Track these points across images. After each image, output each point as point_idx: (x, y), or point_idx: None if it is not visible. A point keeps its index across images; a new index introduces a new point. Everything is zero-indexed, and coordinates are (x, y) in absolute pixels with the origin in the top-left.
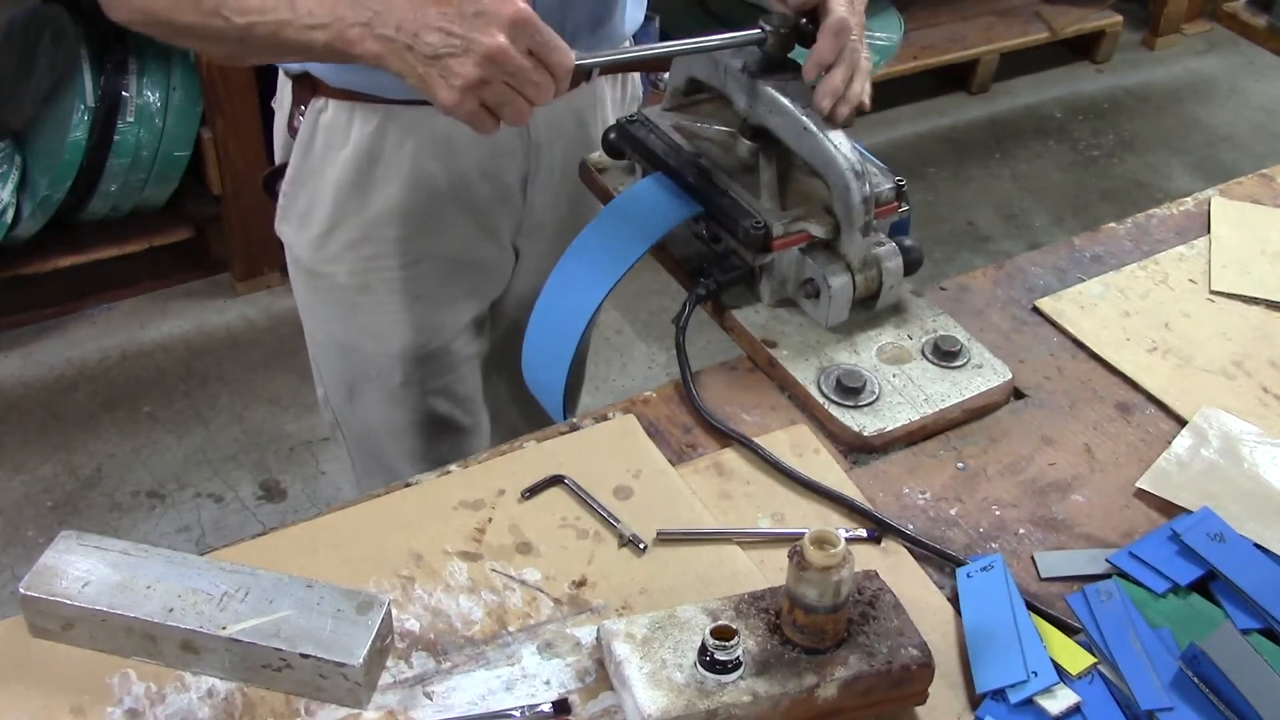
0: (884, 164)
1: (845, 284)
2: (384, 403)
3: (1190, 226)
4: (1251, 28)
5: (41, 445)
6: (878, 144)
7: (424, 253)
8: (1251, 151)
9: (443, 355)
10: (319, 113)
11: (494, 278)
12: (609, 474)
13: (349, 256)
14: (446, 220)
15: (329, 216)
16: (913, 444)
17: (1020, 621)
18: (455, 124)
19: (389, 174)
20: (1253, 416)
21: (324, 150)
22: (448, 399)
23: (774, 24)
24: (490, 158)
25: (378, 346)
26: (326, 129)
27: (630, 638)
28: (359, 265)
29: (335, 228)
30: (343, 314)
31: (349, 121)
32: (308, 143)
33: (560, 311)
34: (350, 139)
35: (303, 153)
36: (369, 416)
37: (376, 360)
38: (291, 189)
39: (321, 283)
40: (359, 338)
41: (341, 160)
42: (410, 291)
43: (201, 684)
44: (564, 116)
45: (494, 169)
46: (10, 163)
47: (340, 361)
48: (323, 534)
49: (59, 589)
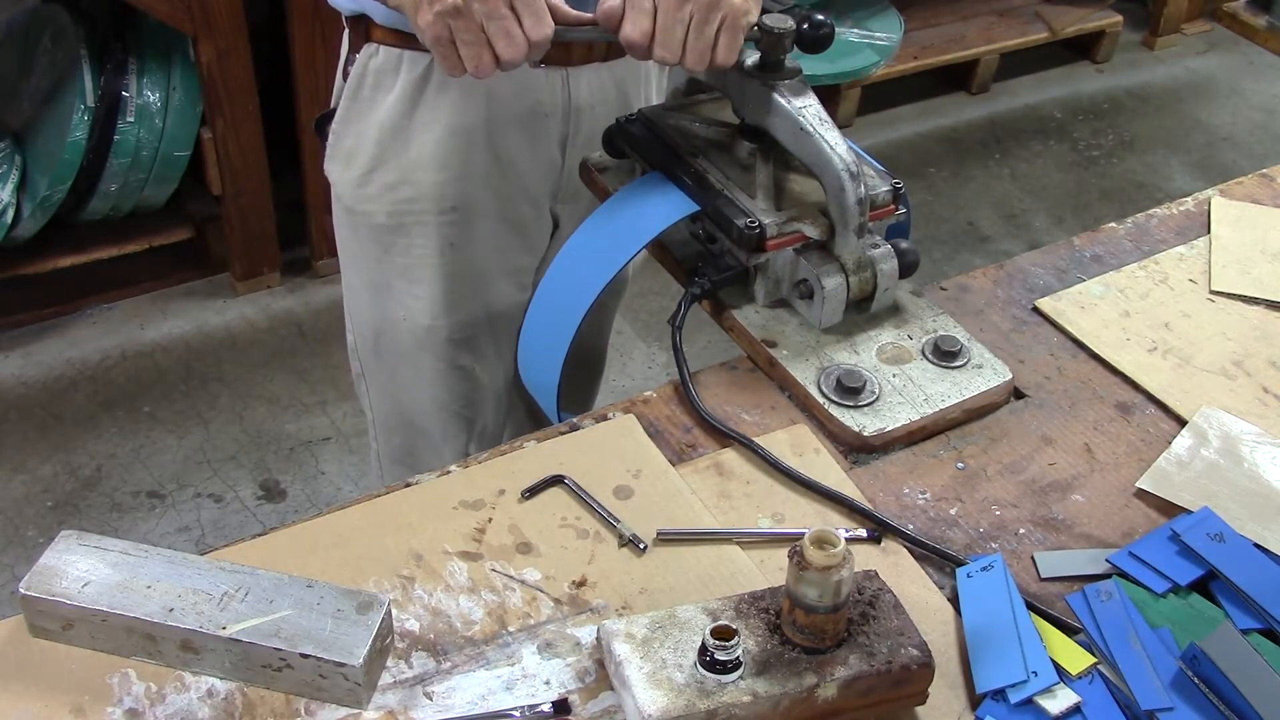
0: (883, 165)
1: (839, 285)
2: (410, 349)
3: (1190, 226)
4: (1251, 28)
5: (41, 445)
6: (878, 144)
7: (460, 202)
8: (1251, 151)
9: (471, 307)
10: (370, 57)
11: (530, 240)
12: (609, 474)
13: (387, 197)
14: (483, 172)
15: (371, 157)
16: (913, 444)
17: (1020, 621)
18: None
19: (430, 120)
20: (1253, 416)
21: (371, 93)
22: (471, 353)
23: (772, 24)
24: (530, 115)
25: (408, 287)
26: (375, 72)
27: (630, 638)
28: (397, 207)
29: (376, 168)
30: (378, 254)
31: (396, 66)
32: (357, 85)
33: (555, 310)
34: (397, 83)
35: (352, 95)
36: (395, 364)
37: (406, 302)
38: (340, 129)
39: (360, 221)
40: (391, 278)
41: (387, 104)
42: (444, 238)
43: (201, 684)
44: (607, 84)
45: (533, 126)
46: (10, 163)
47: (371, 304)
48: (323, 534)
49: (59, 589)
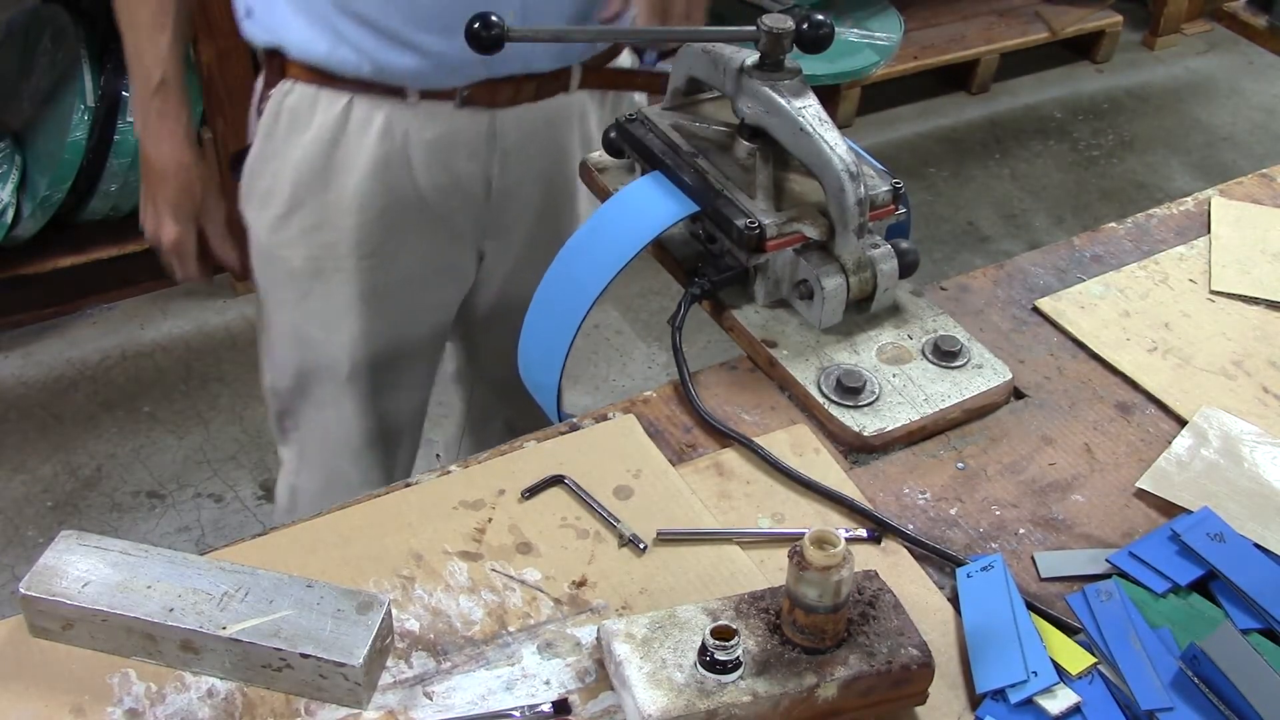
0: (883, 165)
1: (839, 286)
2: (330, 394)
3: (1190, 226)
4: (1251, 28)
5: (41, 445)
6: (878, 144)
7: (381, 245)
8: (1251, 151)
9: (394, 354)
10: (285, 94)
11: (455, 279)
12: (609, 474)
13: (305, 241)
14: (406, 214)
15: (288, 198)
16: (913, 444)
17: (1020, 621)
18: (418, 120)
19: (350, 161)
20: (1253, 416)
21: (287, 132)
22: (394, 391)
23: (772, 24)
24: (454, 156)
25: (327, 335)
26: (291, 110)
27: (630, 638)
28: (315, 251)
29: (293, 210)
30: (295, 299)
31: (313, 104)
32: (272, 123)
33: (555, 311)
34: (314, 122)
35: (267, 133)
36: (315, 408)
37: (326, 349)
38: (255, 168)
39: (278, 265)
40: (309, 325)
41: (303, 143)
42: (365, 282)
43: (201, 684)
44: (537, 124)
45: (457, 167)
46: (10, 163)
47: (290, 348)
48: (323, 534)
49: (59, 589)
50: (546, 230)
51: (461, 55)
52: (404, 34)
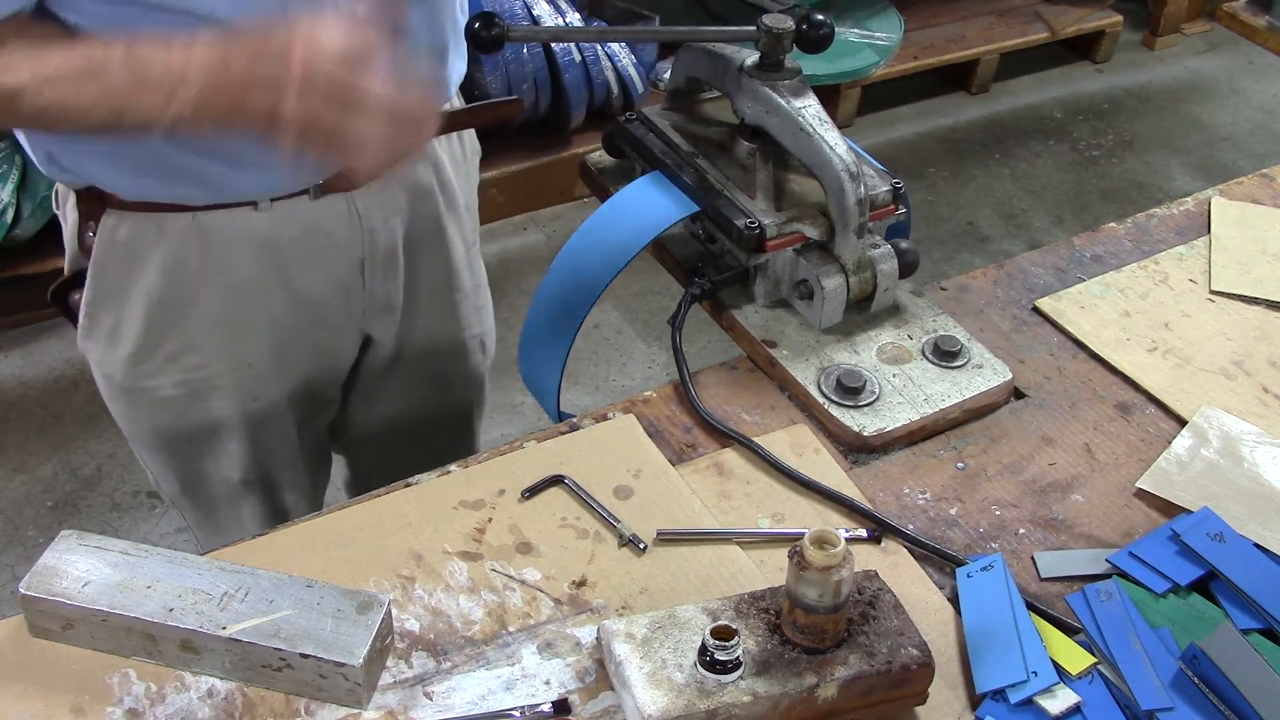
0: (883, 165)
1: (839, 285)
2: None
3: (1190, 226)
4: (1251, 28)
5: (41, 445)
6: (878, 144)
7: (257, 357)
8: (1251, 151)
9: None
10: (114, 229)
11: (338, 362)
12: (609, 474)
13: (172, 369)
14: (279, 318)
15: (141, 334)
16: (913, 444)
17: (1020, 621)
18: (275, 223)
19: (205, 283)
20: (1253, 416)
21: (126, 268)
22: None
23: (772, 24)
24: (317, 250)
25: (213, 445)
26: (127, 244)
27: (630, 638)
28: (186, 376)
29: (151, 344)
30: (171, 420)
31: (153, 234)
32: (103, 261)
33: (555, 311)
34: (155, 253)
35: (99, 271)
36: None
37: (213, 458)
38: (93, 309)
39: (141, 398)
40: (192, 437)
41: (148, 274)
42: (246, 393)
43: (201, 684)
44: (397, 195)
45: (323, 260)
46: (10, 163)
47: (170, 459)
48: (323, 534)
49: (59, 589)
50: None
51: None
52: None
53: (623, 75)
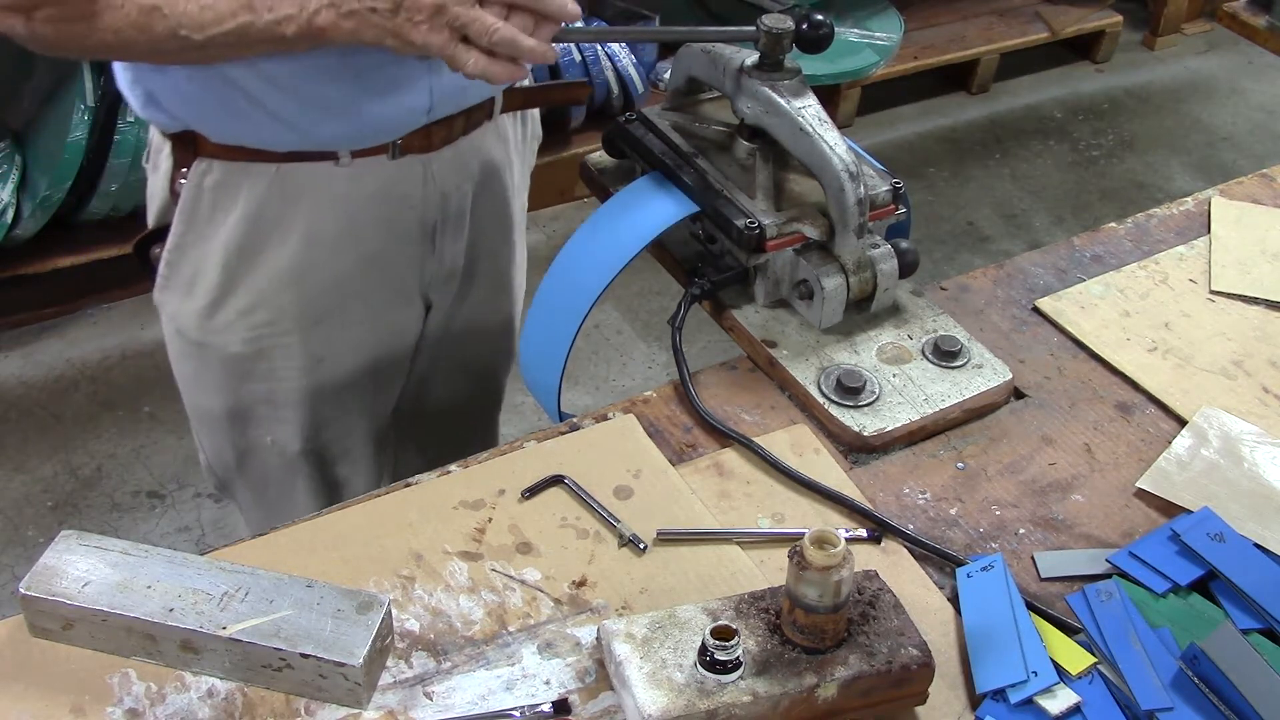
0: (883, 165)
1: (839, 285)
2: (280, 473)
3: (1190, 226)
4: (1251, 28)
5: (41, 445)
6: (878, 144)
7: (324, 315)
8: (1251, 151)
9: (344, 419)
10: (203, 175)
11: (401, 334)
12: (609, 474)
13: (242, 324)
14: (347, 279)
15: (218, 285)
16: (913, 444)
17: (1020, 621)
18: (353, 179)
19: (283, 235)
20: (1253, 416)
21: (210, 213)
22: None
23: (772, 24)
24: (392, 209)
25: (273, 413)
26: (213, 191)
27: (630, 638)
28: (254, 333)
29: (225, 296)
30: (234, 384)
31: (238, 182)
32: (192, 206)
33: (555, 311)
34: (239, 201)
35: (186, 218)
36: (263, 486)
37: (272, 428)
38: (174, 256)
39: (210, 354)
40: (253, 405)
41: (230, 224)
42: (310, 355)
43: (201, 684)
44: (469, 158)
45: (397, 221)
46: (10, 163)
47: (230, 431)
48: (323, 534)
49: (59, 589)
50: (496, 271)
51: (398, 113)
52: (337, 102)
53: (623, 75)
